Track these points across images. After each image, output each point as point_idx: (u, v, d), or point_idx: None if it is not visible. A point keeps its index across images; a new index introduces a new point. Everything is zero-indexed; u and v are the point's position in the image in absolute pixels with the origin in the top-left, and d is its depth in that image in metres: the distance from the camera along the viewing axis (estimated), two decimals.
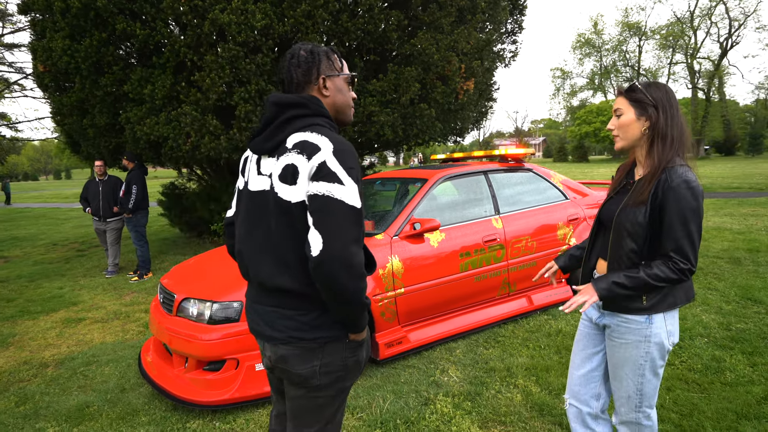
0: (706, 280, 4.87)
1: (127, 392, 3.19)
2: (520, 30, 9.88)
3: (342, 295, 1.29)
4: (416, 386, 3.04)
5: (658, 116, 1.60)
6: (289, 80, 1.45)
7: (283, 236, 1.35)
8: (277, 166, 1.36)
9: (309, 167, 1.30)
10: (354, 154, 1.35)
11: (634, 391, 1.69)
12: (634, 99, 1.64)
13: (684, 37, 45.00)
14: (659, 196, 1.56)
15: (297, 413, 1.47)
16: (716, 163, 31.62)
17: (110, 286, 6.12)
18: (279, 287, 1.37)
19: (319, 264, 1.25)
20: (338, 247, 1.25)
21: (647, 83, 1.65)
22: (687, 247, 1.53)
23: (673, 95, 1.63)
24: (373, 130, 6.55)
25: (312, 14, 5.85)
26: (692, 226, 1.52)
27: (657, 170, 1.58)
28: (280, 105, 1.39)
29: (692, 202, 1.52)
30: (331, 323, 1.39)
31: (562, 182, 4.68)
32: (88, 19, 5.88)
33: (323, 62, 1.46)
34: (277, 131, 1.39)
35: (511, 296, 4.11)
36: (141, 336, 4.26)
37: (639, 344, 1.64)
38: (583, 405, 1.85)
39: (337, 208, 1.27)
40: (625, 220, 1.64)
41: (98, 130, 6.97)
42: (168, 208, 9.31)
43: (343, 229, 1.26)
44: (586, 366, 1.85)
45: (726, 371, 2.97)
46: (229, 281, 3.10)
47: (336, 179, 1.28)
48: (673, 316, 1.66)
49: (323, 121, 1.41)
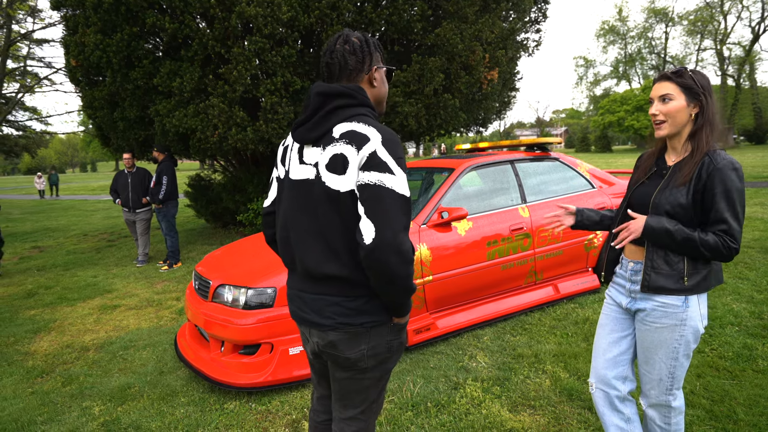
0: (737, 270, 4.80)
1: (165, 375, 3.32)
2: (543, 18, 9.75)
3: (393, 281, 1.32)
4: (445, 371, 3.10)
5: (707, 103, 1.62)
6: (343, 65, 1.44)
7: (331, 224, 1.38)
8: (323, 156, 1.38)
9: (359, 157, 1.32)
10: (400, 145, 1.37)
11: (667, 375, 1.71)
12: (684, 85, 1.63)
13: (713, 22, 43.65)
14: (703, 178, 1.58)
15: (344, 394, 1.52)
16: (746, 152, 30.73)
17: (141, 275, 6.31)
18: (326, 274, 1.40)
19: (371, 251, 1.28)
20: (390, 235, 1.28)
21: (693, 70, 1.65)
22: (735, 226, 1.56)
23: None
24: (397, 121, 6.58)
25: (336, 5, 5.89)
26: (738, 206, 1.56)
27: (702, 154, 1.61)
28: (325, 95, 1.40)
29: (738, 182, 1.55)
30: (376, 308, 1.43)
31: (588, 171, 4.66)
32: (119, 13, 6.02)
33: (375, 52, 1.48)
34: (323, 121, 1.40)
35: (538, 285, 4.12)
36: (174, 322, 4.40)
37: (675, 328, 1.66)
38: (610, 389, 1.85)
39: (388, 196, 1.29)
40: (665, 203, 1.65)
41: (128, 122, 7.15)
42: (194, 199, 9.51)
43: (395, 217, 1.29)
44: (614, 350, 1.86)
45: (758, 359, 2.95)
46: (262, 268, 3.19)
47: (387, 169, 1.31)
48: (705, 299, 1.69)
49: (368, 111, 1.42)
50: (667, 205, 1.64)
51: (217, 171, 9.72)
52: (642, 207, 1.75)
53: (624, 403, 1.86)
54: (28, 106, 21.37)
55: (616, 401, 1.85)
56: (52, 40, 18.12)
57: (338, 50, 1.44)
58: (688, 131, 1.67)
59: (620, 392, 1.85)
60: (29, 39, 18.05)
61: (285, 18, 5.73)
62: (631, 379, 1.86)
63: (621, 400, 1.86)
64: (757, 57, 44.37)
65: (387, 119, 6.65)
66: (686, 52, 47.87)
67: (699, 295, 1.66)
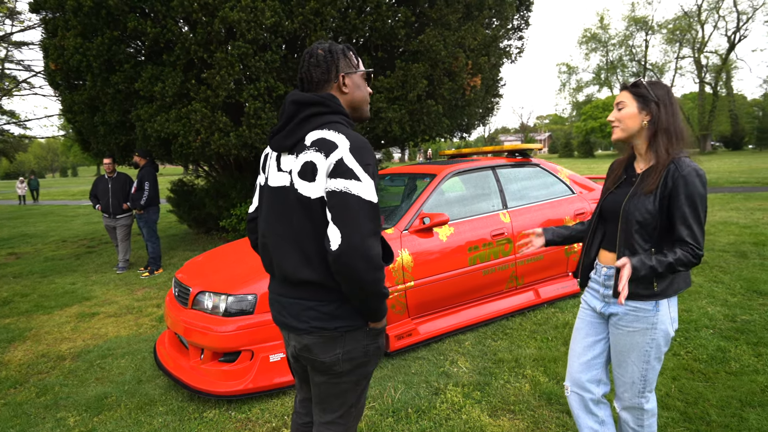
0: (712, 273, 4.90)
1: (143, 383, 3.28)
2: (526, 26, 9.88)
3: (361, 286, 1.34)
4: (426, 377, 3.10)
5: (659, 111, 1.68)
6: (309, 79, 1.49)
7: (304, 231, 1.40)
8: (296, 163, 1.41)
9: (327, 164, 1.35)
10: (370, 151, 1.40)
11: (639, 377, 1.75)
12: (638, 94, 1.72)
13: (691, 31, 44.69)
14: (669, 185, 1.63)
15: (323, 398, 1.54)
16: (723, 158, 31.44)
17: (121, 282, 6.22)
18: (302, 280, 1.43)
19: (338, 257, 1.30)
20: (356, 241, 1.30)
21: (652, 82, 1.73)
22: (698, 232, 1.60)
23: (674, 95, 1.72)
24: (380, 127, 6.61)
25: (320, 11, 5.90)
26: (701, 212, 1.61)
27: (666, 161, 1.66)
28: (298, 103, 1.44)
29: (701, 189, 1.60)
30: (350, 313, 1.45)
31: (569, 177, 4.72)
32: (99, 17, 5.96)
33: (341, 60, 1.51)
34: (296, 129, 1.43)
35: (519, 289, 4.16)
36: (154, 330, 4.34)
37: (646, 331, 1.71)
38: (585, 392, 1.90)
39: (355, 203, 1.32)
40: (634, 209, 1.70)
41: (109, 127, 7.06)
42: (176, 204, 9.41)
43: (361, 223, 1.31)
44: (589, 354, 1.90)
45: (731, 361, 3.02)
46: (243, 274, 3.17)
47: (353, 176, 1.33)
48: (674, 303, 1.74)
49: (340, 119, 1.46)
50: (636, 212, 1.69)
51: (200, 176, 9.64)
52: (613, 214, 1.79)
53: (598, 406, 1.90)
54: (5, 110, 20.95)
55: (591, 404, 1.89)
56: (31, 43, 17.81)
57: (305, 65, 1.49)
58: (645, 138, 1.73)
59: (594, 395, 1.88)
60: (7, 41, 17.72)
61: (268, 23, 5.73)
62: (605, 382, 1.90)
63: (595, 403, 1.89)
64: (733, 65, 45.55)
65: (371, 125, 6.68)
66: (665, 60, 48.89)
67: (669, 299, 1.71)
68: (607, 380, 1.91)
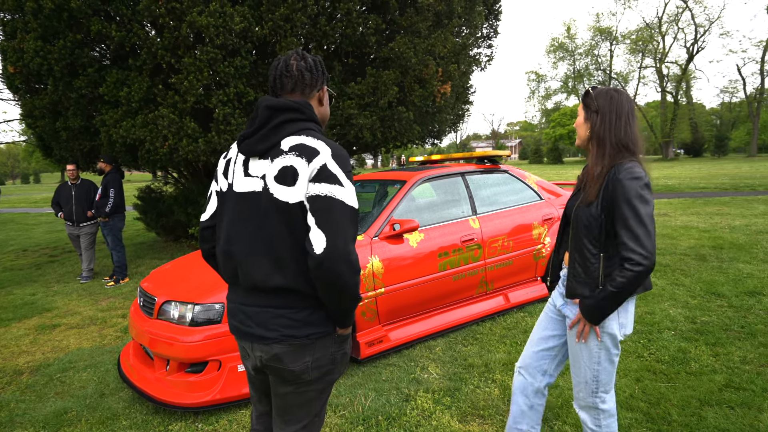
0: (673, 276, 5.06)
1: (106, 397, 3.17)
2: (495, 34, 10.07)
3: (343, 290, 1.35)
4: (397, 383, 3.10)
5: (596, 120, 1.74)
6: (300, 79, 1.48)
7: (278, 236, 1.39)
8: (272, 168, 1.40)
9: (310, 170, 1.35)
10: (349, 159, 1.42)
11: (591, 378, 1.81)
12: (585, 103, 1.80)
13: (653, 42, 46.36)
14: (609, 190, 1.67)
15: (287, 409, 1.51)
16: (684, 164, 32.64)
17: (85, 292, 6.02)
18: (274, 286, 1.40)
19: (322, 261, 1.30)
20: (340, 245, 1.31)
21: (600, 90, 1.77)
22: (642, 233, 1.58)
23: (621, 103, 1.73)
24: (352, 133, 6.61)
25: (290, 18, 5.88)
26: (642, 213, 1.60)
27: (603, 168, 1.71)
28: (274, 109, 1.42)
29: (638, 189, 1.61)
30: (321, 319, 1.44)
31: (536, 183, 4.82)
32: (61, 20, 5.79)
33: (325, 74, 1.55)
34: (271, 134, 1.42)
35: (489, 294, 4.21)
36: (119, 341, 4.22)
37: (594, 334, 1.76)
38: (529, 377, 2.02)
39: (339, 207, 1.33)
40: (581, 214, 1.76)
41: (72, 132, 6.85)
42: (144, 212, 9.18)
43: (344, 227, 1.33)
44: (541, 345, 2.00)
45: (691, 361, 3.12)
46: (210, 283, 3.11)
47: (337, 181, 1.35)
48: (626, 308, 1.76)
49: (315, 127, 1.47)
50: (584, 217, 1.75)
51: (169, 183, 9.44)
52: (568, 218, 1.87)
53: (536, 394, 2.02)
54: None
55: (529, 389, 2.02)
56: None
57: (294, 65, 1.48)
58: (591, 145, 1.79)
59: (536, 383, 2.01)
60: None
61: (237, 29, 5.68)
62: (550, 374, 2.01)
63: (534, 390, 2.02)
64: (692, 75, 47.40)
65: (342, 131, 6.67)
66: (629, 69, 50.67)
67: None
68: (553, 373, 2.02)
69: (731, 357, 3.16)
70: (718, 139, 49.21)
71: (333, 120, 6.45)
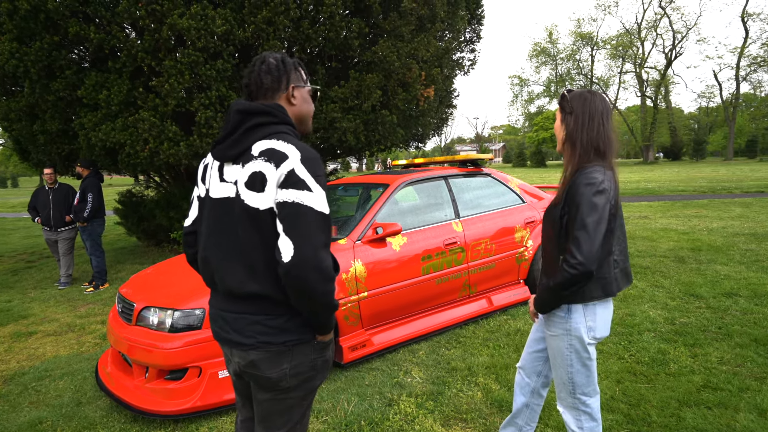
0: (653, 278, 5.14)
1: (83, 406, 3.10)
2: (478, 39, 10.16)
3: (313, 298, 1.32)
4: (380, 388, 3.09)
5: (570, 122, 1.75)
6: (258, 85, 1.46)
7: (251, 242, 1.37)
8: (242, 174, 1.37)
9: (277, 175, 1.32)
10: (320, 162, 1.39)
11: (567, 380, 1.83)
12: (561, 105, 1.81)
13: (632, 48, 47.26)
14: (570, 194, 1.68)
15: (267, 416, 1.48)
16: (664, 168, 33.24)
17: (63, 298, 5.90)
18: (248, 293, 1.38)
19: (290, 269, 1.27)
20: (309, 252, 1.28)
21: (575, 92, 1.78)
22: (583, 238, 1.59)
23: (594, 104, 1.73)
24: (335, 137, 6.60)
25: (273, 21, 5.86)
26: (587, 218, 1.60)
27: (573, 172, 1.72)
28: (244, 112, 1.40)
29: (590, 196, 1.61)
30: (298, 326, 1.42)
31: (519, 186, 4.86)
32: (38, 21, 5.68)
33: (292, 72, 1.50)
34: (243, 138, 1.40)
35: (472, 298, 4.22)
36: (97, 348, 4.13)
37: (563, 337, 1.79)
38: (527, 377, 2.08)
39: (307, 214, 1.30)
40: (547, 219, 1.80)
41: (50, 136, 6.72)
42: (125, 216, 9.04)
43: (313, 234, 1.30)
44: (534, 347, 2.05)
45: (670, 363, 3.17)
46: (191, 288, 3.07)
47: (305, 186, 1.31)
48: (593, 312, 1.75)
49: (288, 129, 1.44)
50: (548, 220, 1.79)
51: (151, 187, 9.31)
52: None
53: (533, 395, 2.07)
54: None
55: (527, 388, 2.08)
56: None
57: (255, 71, 1.47)
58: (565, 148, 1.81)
59: (532, 383, 2.06)
60: None
61: (219, 31, 5.63)
62: (545, 375, 2.04)
63: (532, 390, 2.07)
64: (671, 80, 48.40)
65: (325, 135, 6.65)
66: (610, 74, 51.48)
67: (585, 306, 1.74)
68: (547, 374, 2.05)
69: (709, 358, 3.21)
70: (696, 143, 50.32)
71: (316, 123, 6.43)
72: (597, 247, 1.59)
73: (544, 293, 1.76)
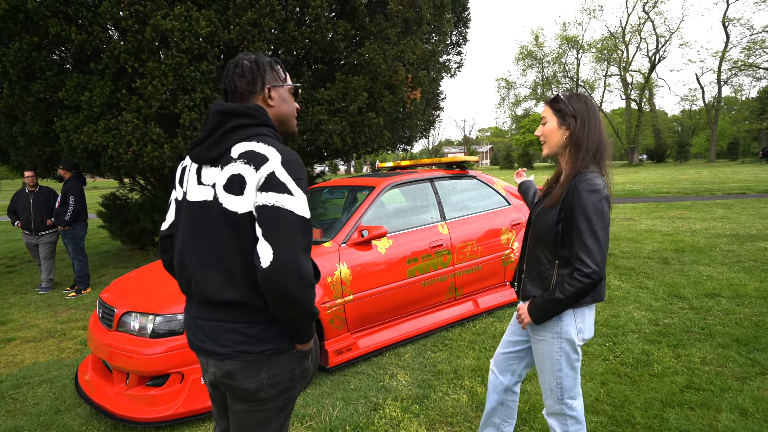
0: (638, 279, 5.18)
1: (62, 414, 3.04)
2: (464, 42, 10.20)
3: (292, 304, 1.28)
4: (365, 392, 3.07)
5: (575, 125, 1.71)
6: (233, 90, 1.43)
7: (229, 248, 1.33)
8: (221, 176, 1.34)
9: (257, 178, 1.28)
10: (301, 165, 1.35)
11: (555, 385, 1.81)
12: (557, 109, 1.75)
13: (617, 51, 47.86)
14: (569, 200, 1.66)
15: (243, 428, 1.43)
16: (648, 170, 33.67)
17: (44, 303, 5.79)
18: (225, 300, 1.34)
19: (269, 274, 1.24)
20: (288, 257, 1.24)
21: (570, 95, 1.76)
22: (593, 246, 1.59)
23: (593, 107, 1.74)
24: (321, 139, 6.57)
25: (258, 22, 5.82)
26: (596, 226, 1.60)
27: (570, 175, 1.69)
28: (224, 114, 1.37)
29: (596, 203, 1.60)
30: (276, 335, 1.37)
31: (504, 188, 4.87)
32: (17, 21, 5.58)
33: (268, 72, 1.46)
34: (222, 140, 1.36)
35: (458, 300, 4.22)
36: (78, 354, 4.05)
37: (553, 341, 1.77)
38: (501, 376, 2.07)
39: (287, 218, 1.26)
40: (539, 222, 1.77)
41: (30, 138, 6.60)
42: (108, 219, 8.91)
43: (293, 239, 1.26)
44: (509, 348, 2.05)
45: (654, 363, 3.19)
46: (173, 293, 3.02)
47: (285, 190, 1.27)
48: (582, 314, 1.75)
49: (268, 131, 1.40)
50: (541, 224, 1.76)
51: (135, 189, 9.19)
52: (529, 223, 1.87)
53: (507, 393, 2.07)
54: None
55: (500, 386, 2.07)
56: None
57: (229, 75, 1.44)
58: (568, 152, 1.76)
59: (505, 381, 2.06)
60: None
61: (203, 33, 5.58)
62: (519, 374, 2.06)
63: (505, 389, 2.07)
64: (655, 84, 49.14)
65: (311, 137, 6.62)
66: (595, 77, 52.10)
67: (574, 309, 1.74)
68: (521, 373, 2.06)
69: (692, 358, 3.24)
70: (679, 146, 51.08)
71: (302, 126, 6.39)
72: (606, 254, 1.61)
73: (548, 304, 1.69)
